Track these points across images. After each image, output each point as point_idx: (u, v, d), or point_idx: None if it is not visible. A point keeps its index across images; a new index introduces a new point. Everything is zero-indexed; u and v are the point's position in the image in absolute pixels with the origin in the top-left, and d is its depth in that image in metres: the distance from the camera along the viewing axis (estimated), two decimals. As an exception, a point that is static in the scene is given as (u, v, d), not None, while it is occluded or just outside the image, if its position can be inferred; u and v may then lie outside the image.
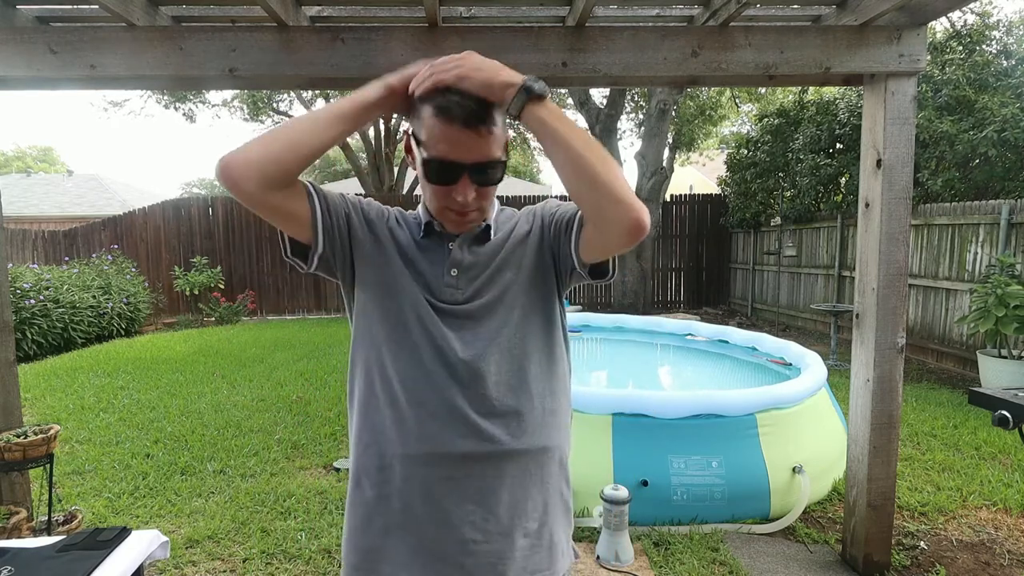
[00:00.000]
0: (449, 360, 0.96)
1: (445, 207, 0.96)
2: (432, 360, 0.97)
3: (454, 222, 0.99)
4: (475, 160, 0.91)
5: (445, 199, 0.95)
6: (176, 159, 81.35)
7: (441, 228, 1.02)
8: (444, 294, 1.00)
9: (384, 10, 2.32)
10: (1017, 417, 1.72)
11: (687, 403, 2.96)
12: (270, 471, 3.50)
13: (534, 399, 1.00)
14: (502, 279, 1.02)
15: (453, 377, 0.96)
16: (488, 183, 0.95)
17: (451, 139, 0.89)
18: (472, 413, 0.95)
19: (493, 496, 0.97)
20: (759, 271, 10.36)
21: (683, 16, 2.35)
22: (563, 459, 1.06)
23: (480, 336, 0.98)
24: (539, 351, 1.02)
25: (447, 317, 0.99)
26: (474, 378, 0.96)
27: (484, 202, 0.98)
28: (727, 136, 16.12)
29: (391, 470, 0.97)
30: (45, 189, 19.90)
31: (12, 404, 2.54)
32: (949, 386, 5.57)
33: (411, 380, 0.97)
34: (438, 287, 1.00)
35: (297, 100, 14.66)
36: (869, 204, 2.38)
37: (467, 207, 0.95)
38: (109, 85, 2.39)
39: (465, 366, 0.96)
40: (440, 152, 0.90)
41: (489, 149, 0.92)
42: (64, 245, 10.58)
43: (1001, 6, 21.46)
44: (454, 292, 1.00)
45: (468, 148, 0.90)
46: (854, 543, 2.50)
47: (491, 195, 0.99)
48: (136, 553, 1.41)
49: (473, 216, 0.99)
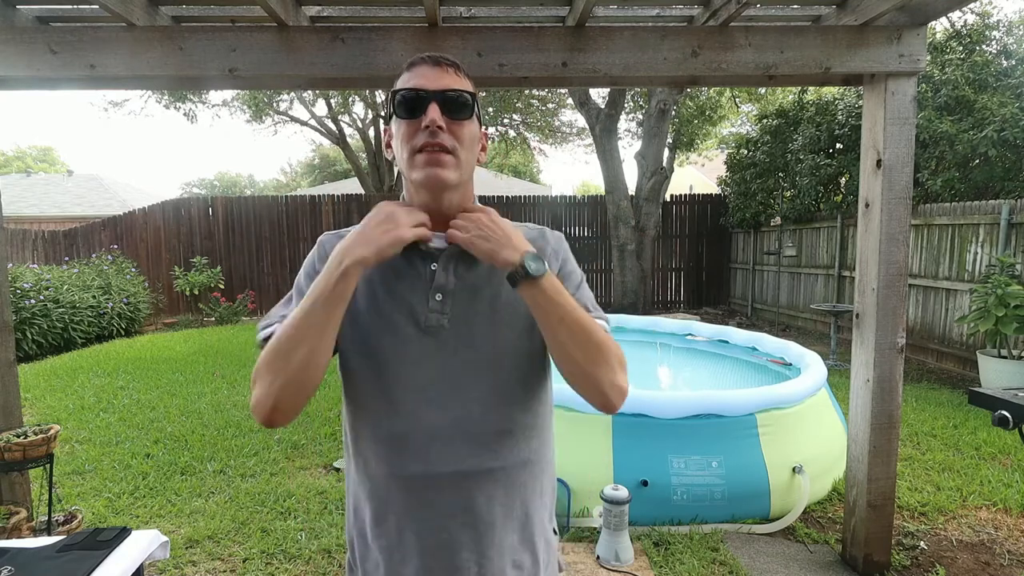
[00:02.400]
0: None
1: (415, 149, 0.90)
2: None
3: (423, 163, 0.89)
4: (441, 87, 0.90)
5: (414, 136, 0.89)
6: (176, 159, 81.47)
7: (425, 246, 0.95)
8: (430, 320, 0.94)
9: (384, 10, 2.32)
10: (1017, 417, 1.73)
11: (687, 403, 2.96)
12: (270, 471, 3.51)
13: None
14: (496, 309, 0.96)
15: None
16: (458, 113, 0.90)
17: (418, 74, 0.91)
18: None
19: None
20: (759, 271, 10.36)
21: (683, 16, 2.35)
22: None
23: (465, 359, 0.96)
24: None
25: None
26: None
27: (458, 146, 0.90)
28: (727, 136, 16.11)
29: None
30: (45, 189, 19.90)
31: (12, 404, 2.54)
32: (949, 386, 5.57)
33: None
34: (423, 314, 0.94)
35: (297, 100, 14.65)
36: (869, 204, 2.38)
37: (437, 135, 0.88)
38: (109, 85, 2.39)
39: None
40: (407, 85, 0.91)
41: (457, 83, 0.92)
42: (64, 245, 10.58)
43: (1001, 6, 21.47)
44: (439, 318, 0.93)
45: (434, 79, 0.90)
46: (854, 543, 2.50)
47: (464, 141, 0.91)
48: (136, 553, 1.41)
49: (447, 159, 0.89)
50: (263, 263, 11.12)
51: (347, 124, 16.06)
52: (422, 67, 0.92)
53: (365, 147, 16.04)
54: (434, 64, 0.92)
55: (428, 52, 0.96)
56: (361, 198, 11.50)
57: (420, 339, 0.93)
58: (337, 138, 15.48)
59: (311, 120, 15.32)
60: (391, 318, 0.93)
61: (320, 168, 30.28)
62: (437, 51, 2.17)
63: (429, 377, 0.93)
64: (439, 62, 0.92)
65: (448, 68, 0.92)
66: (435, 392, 0.92)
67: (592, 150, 13.68)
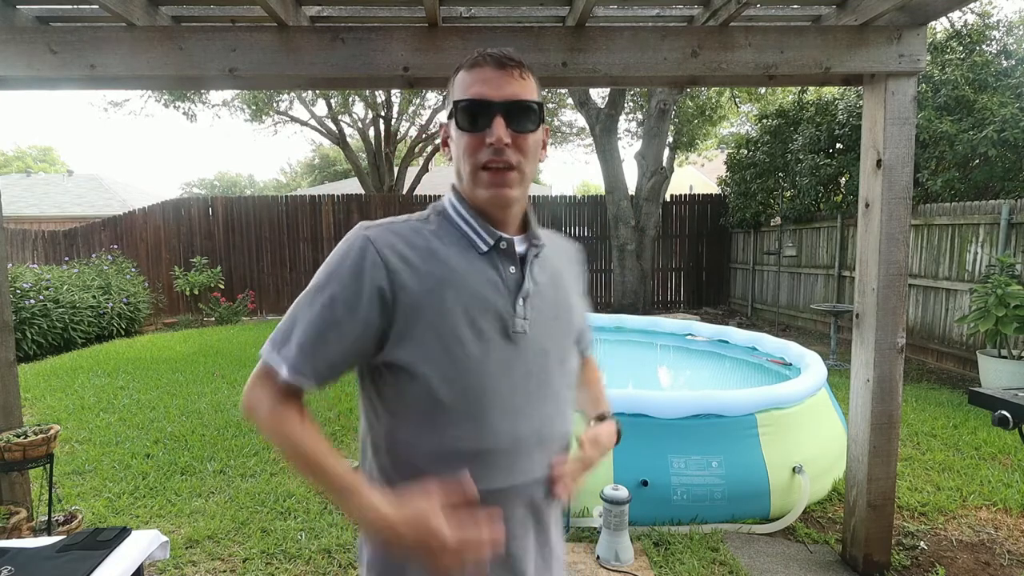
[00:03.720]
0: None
1: (479, 165, 0.86)
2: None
3: (488, 183, 0.87)
4: (507, 97, 0.84)
5: (478, 151, 0.86)
6: (176, 159, 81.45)
7: (507, 245, 0.90)
8: (517, 326, 0.89)
9: (384, 10, 2.32)
10: (1017, 417, 1.73)
11: (687, 403, 2.96)
12: (270, 471, 3.51)
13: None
14: (562, 315, 0.96)
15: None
16: (525, 125, 0.86)
17: (482, 79, 0.85)
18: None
19: None
20: (759, 271, 10.36)
21: (683, 16, 2.35)
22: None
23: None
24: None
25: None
26: None
27: (522, 160, 0.87)
28: (727, 136, 16.11)
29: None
30: (45, 189, 19.91)
31: (12, 404, 2.54)
32: (949, 386, 5.57)
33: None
34: (510, 319, 0.88)
35: (297, 100, 14.66)
36: (869, 204, 2.38)
37: (503, 153, 0.85)
38: (109, 85, 2.39)
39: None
40: (470, 93, 0.85)
41: (523, 89, 0.86)
42: (64, 245, 10.58)
43: (1001, 6, 21.48)
44: (523, 324, 0.89)
45: (499, 85, 0.85)
46: (854, 543, 2.50)
47: (529, 153, 0.88)
48: (136, 553, 1.41)
49: (512, 176, 0.87)
50: (263, 263, 11.12)
51: (347, 124, 16.07)
52: (485, 69, 0.86)
53: (365, 147, 16.04)
54: (498, 66, 0.86)
55: (490, 49, 0.87)
56: (361, 198, 11.50)
57: (503, 347, 0.87)
58: (337, 138, 15.48)
59: (311, 120, 15.33)
60: (477, 324, 0.85)
61: (320, 168, 30.27)
62: (437, 52, 2.17)
63: (511, 387, 0.87)
64: (503, 63, 0.86)
65: (513, 71, 0.86)
66: (518, 402, 0.87)
67: (592, 150, 13.69)
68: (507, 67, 0.86)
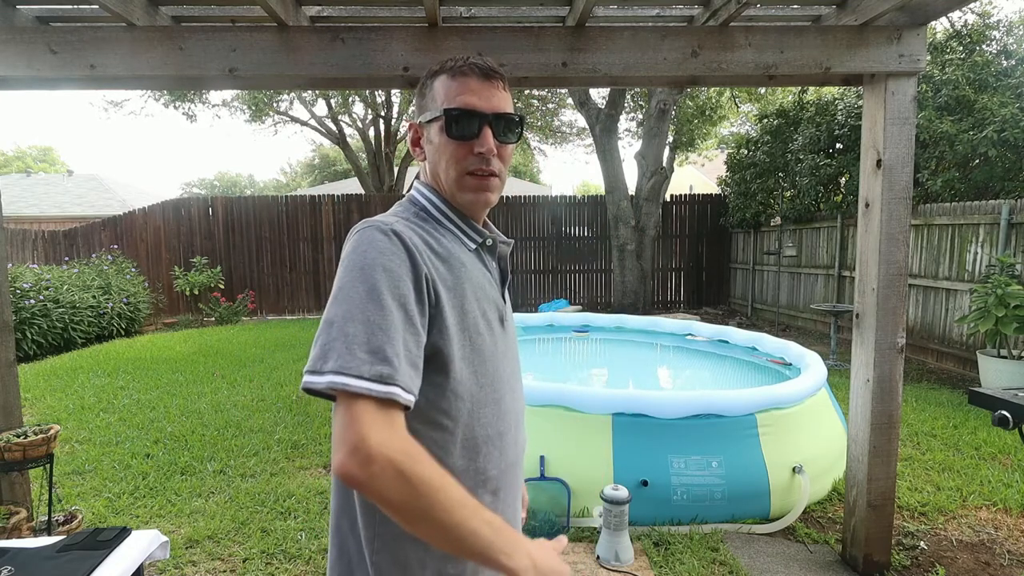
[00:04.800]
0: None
1: (465, 171, 0.91)
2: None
3: (474, 187, 0.92)
4: (495, 109, 0.90)
5: (465, 159, 0.91)
6: (176, 159, 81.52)
7: (492, 242, 0.98)
8: (506, 314, 0.98)
9: (384, 10, 2.32)
10: (1017, 417, 1.73)
11: (687, 403, 2.96)
12: (270, 471, 3.51)
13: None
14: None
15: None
16: (509, 137, 0.93)
17: (470, 88, 0.89)
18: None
19: None
20: (759, 271, 10.36)
21: (683, 16, 2.35)
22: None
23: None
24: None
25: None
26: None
27: (503, 167, 0.94)
28: (727, 136, 16.12)
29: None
30: (45, 189, 19.90)
31: (12, 404, 2.54)
32: (949, 386, 5.57)
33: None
34: (502, 308, 0.97)
35: (297, 100, 14.66)
36: (869, 204, 2.38)
37: (490, 163, 0.91)
38: (109, 85, 2.39)
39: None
40: (460, 102, 0.89)
41: (505, 102, 0.92)
42: (64, 245, 10.58)
43: (1001, 6, 21.49)
44: (508, 311, 1.00)
45: (487, 96, 0.90)
46: (854, 543, 2.50)
47: (507, 160, 0.95)
48: (136, 553, 1.41)
49: (495, 182, 0.93)
50: (263, 263, 11.12)
51: (347, 124, 16.08)
52: (471, 79, 0.90)
53: (365, 147, 16.05)
54: (484, 76, 0.90)
55: (474, 58, 0.91)
56: (361, 198, 11.50)
57: (502, 335, 0.95)
58: (337, 138, 15.49)
59: (311, 120, 15.34)
60: (487, 315, 0.91)
61: (320, 168, 30.27)
62: (437, 52, 2.17)
63: (510, 370, 0.96)
64: (489, 75, 0.90)
65: (497, 82, 0.91)
66: (514, 383, 0.97)
67: (592, 150, 13.69)
68: (492, 78, 0.91)
